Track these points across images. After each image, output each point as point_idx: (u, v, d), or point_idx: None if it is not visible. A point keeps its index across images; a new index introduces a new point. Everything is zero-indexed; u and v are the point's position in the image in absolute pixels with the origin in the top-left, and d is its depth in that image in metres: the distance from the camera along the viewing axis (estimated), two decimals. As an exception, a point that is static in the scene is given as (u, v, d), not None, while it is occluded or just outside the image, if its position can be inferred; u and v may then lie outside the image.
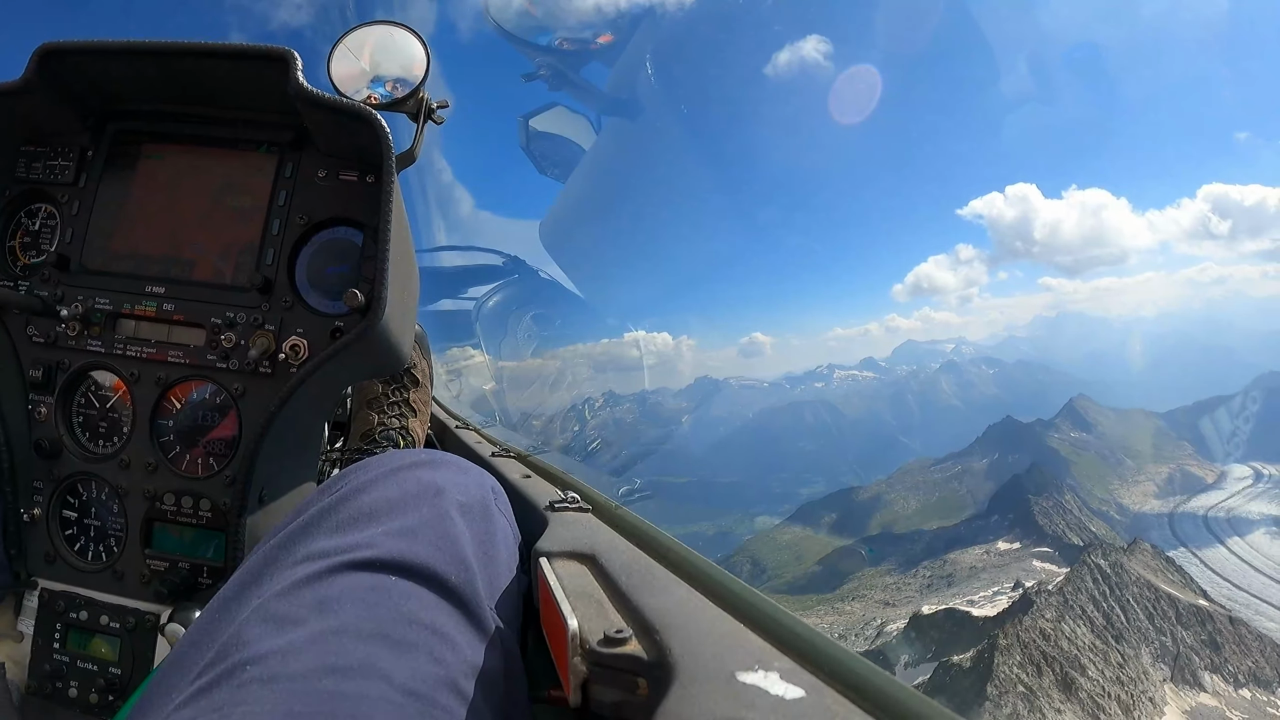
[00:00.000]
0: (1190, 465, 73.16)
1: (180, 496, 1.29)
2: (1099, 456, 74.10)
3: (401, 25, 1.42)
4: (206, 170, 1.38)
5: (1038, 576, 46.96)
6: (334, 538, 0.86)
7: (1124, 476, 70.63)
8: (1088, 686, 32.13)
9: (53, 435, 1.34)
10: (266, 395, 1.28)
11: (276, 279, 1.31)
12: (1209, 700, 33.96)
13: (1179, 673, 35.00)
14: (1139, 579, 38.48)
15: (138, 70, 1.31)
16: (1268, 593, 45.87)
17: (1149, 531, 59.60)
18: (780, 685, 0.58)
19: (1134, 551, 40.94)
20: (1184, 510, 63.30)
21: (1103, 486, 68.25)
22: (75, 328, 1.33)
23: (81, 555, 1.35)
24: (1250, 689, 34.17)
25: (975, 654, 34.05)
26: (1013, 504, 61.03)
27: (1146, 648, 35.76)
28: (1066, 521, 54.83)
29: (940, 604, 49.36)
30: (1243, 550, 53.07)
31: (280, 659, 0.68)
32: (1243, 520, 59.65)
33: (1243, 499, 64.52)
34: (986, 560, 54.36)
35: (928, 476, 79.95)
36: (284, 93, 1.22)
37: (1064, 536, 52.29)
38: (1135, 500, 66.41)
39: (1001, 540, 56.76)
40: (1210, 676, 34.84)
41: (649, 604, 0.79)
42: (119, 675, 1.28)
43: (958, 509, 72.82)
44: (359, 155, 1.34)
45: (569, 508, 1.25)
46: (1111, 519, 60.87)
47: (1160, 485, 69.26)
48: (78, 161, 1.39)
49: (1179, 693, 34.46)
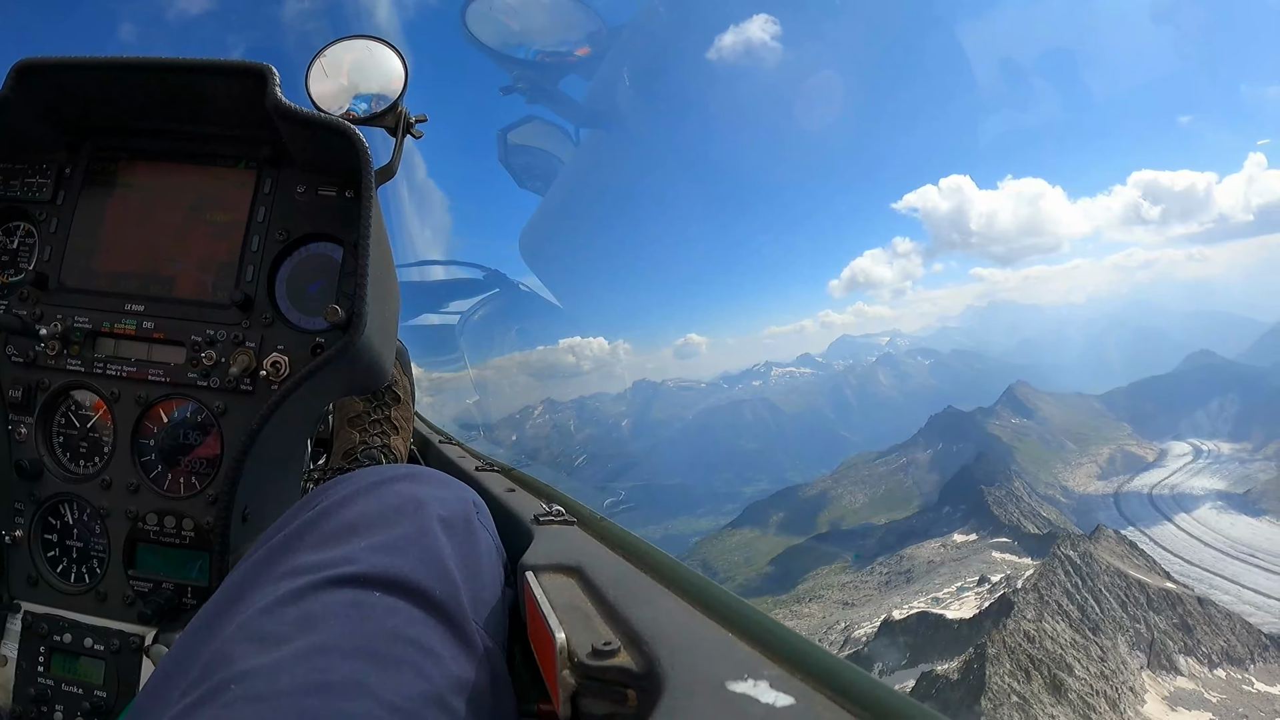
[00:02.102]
0: (1130, 445, 76.13)
1: (163, 516, 1.30)
2: (1041, 441, 76.31)
3: (379, 39, 1.42)
4: (185, 186, 1.38)
5: (1000, 569, 47.29)
6: (316, 553, 0.87)
7: (1067, 460, 72.83)
8: (1076, 686, 32.07)
9: (33, 456, 1.33)
10: (248, 413, 1.29)
11: (256, 295, 1.32)
12: (1186, 684, 34.52)
13: (1155, 659, 35.51)
14: (1109, 567, 39.00)
15: (116, 86, 1.32)
16: (1220, 566, 47.49)
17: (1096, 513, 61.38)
18: (770, 693, 0.59)
19: (1099, 539, 41.55)
20: (1129, 490, 65.59)
21: (1047, 471, 70.17)
22: (55, 347, 1.33)
23: (64, 577, 1.34)
24: (1224, 668, 34.92)
25: (963, 664, 33.49)
26: (964, 494, 61.86)
27: (1123, 636, 36.18)
28: (1021, 510, 55.77)
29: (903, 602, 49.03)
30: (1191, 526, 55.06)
31: (266, 677, 0.69)
32: (1188, 496, 62.13)
33: (1185, 475, 67.39)
34: (944, 553, 54.65)
35: (873, 470, 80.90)
36: (262, 108, 1.23)
37: (1021, 525, 53.05)
38: (1080, 483, 68.50)
39: (957, 532, 57.30)
40: (1185, 660, 35.47)
41: (637, 615, 0.80)
42: (104, 698, 1.28)
43: (905, 501, 73.72)
44: (338, 170, 1.34)
45: (554, 521, 1.26)
46: (1059, 503, 62.45)
47: (1103, 466, 71.71)
48: (55, 179, 1.39)
49: (1157, 679, 34.92)
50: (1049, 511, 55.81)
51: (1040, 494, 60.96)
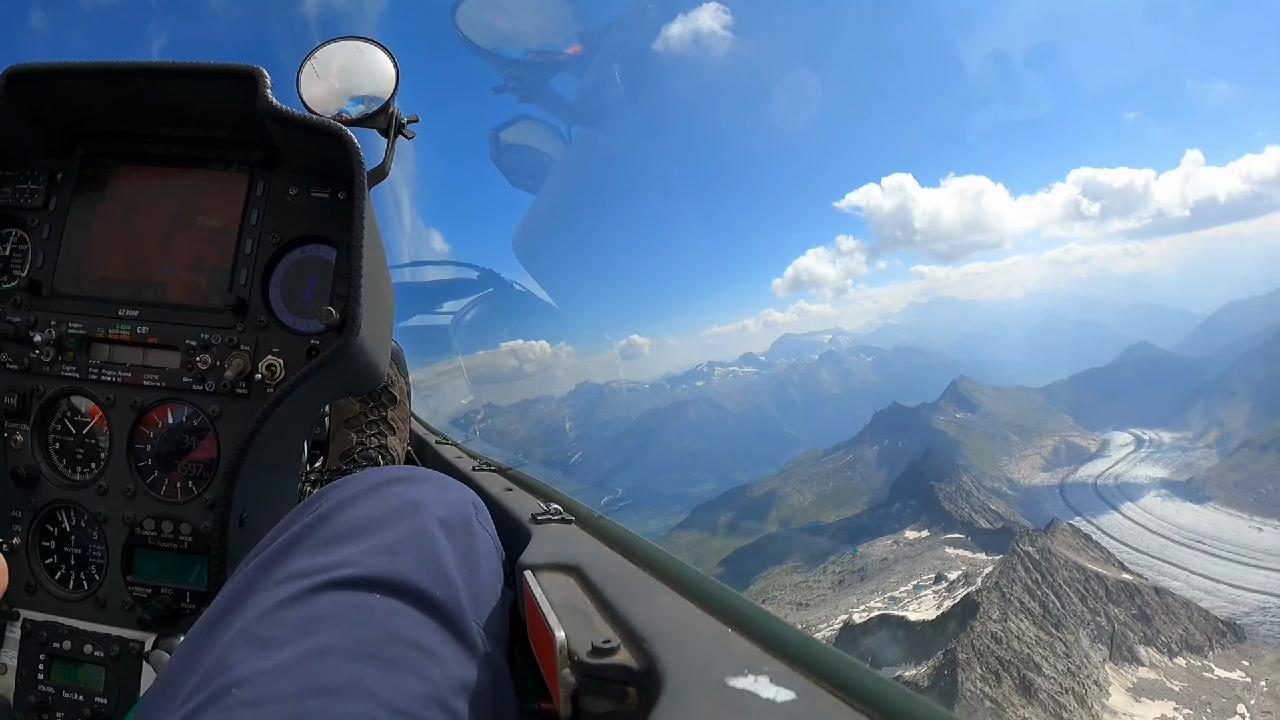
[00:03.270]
0: (1073, 436, 77.95)
1: (160, 521, 1.30)
2: (985, 435, 77.45)
3: (370, 40, 1.43)
4: (177, 191, 1.39)
5: (956, 565, 47.10)
6: (315, 556, 0.87)
7: (1011, 452, 74.03)
8: (1045, 685, 31.68)
9: (29, 463, 1.34)
10: (244, 416, 1.30)
11: (250, 299, 1.33)
12: (1148, 674, 34.68)
13: (1117, 651, 35.55)
14: (1067, 561, 39.01)
15: (106, 92, 1.33)
16: (1168, 553, 48.45)
17: (1043, 504, 62.33)
18: (770, 689, 0.59)
19: (1055, 533, 41.66)
20: (1073, 480, 66.95)
21: (992, 464, 71.18)
22: (49, 353, 1.33)
23: (63, 584, 1.35)
24: (1184, 656, 35.24)
25: (933, 669, 32.59)
26: (914, 490, 61.92)
27: (1084, 631, 36.12)
28: (971, 505, 56.00)
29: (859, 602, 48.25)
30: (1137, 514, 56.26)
31: (266, 681, 0.69)
32: (1132, 485, 63.67)
33: (1128, 465, 69.18)
34: (897, 550, 54.42)
35: (820, 468, 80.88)
36: (253, 111, 1.24)
37: (973, 520, 53.15)
38: (1024, 475, 69.68)
39: (909, 529, 57.22)
40: (1146, 650, 35.68)
41: (636, 613, 0.80)
42: (105, 705, 1.29)
43: (853, 498, 73.73)
44: (330, 172, 1.35)
45: (552, 520, 1.27)
46: (1006, 495, 63.25)
47: (1046, 458, 73.13)
48: (47, 184, 1.40)
49: (1120, 671, 34.97)
50: (997, 505, 56.33)
51: (987, 488, 61.61)
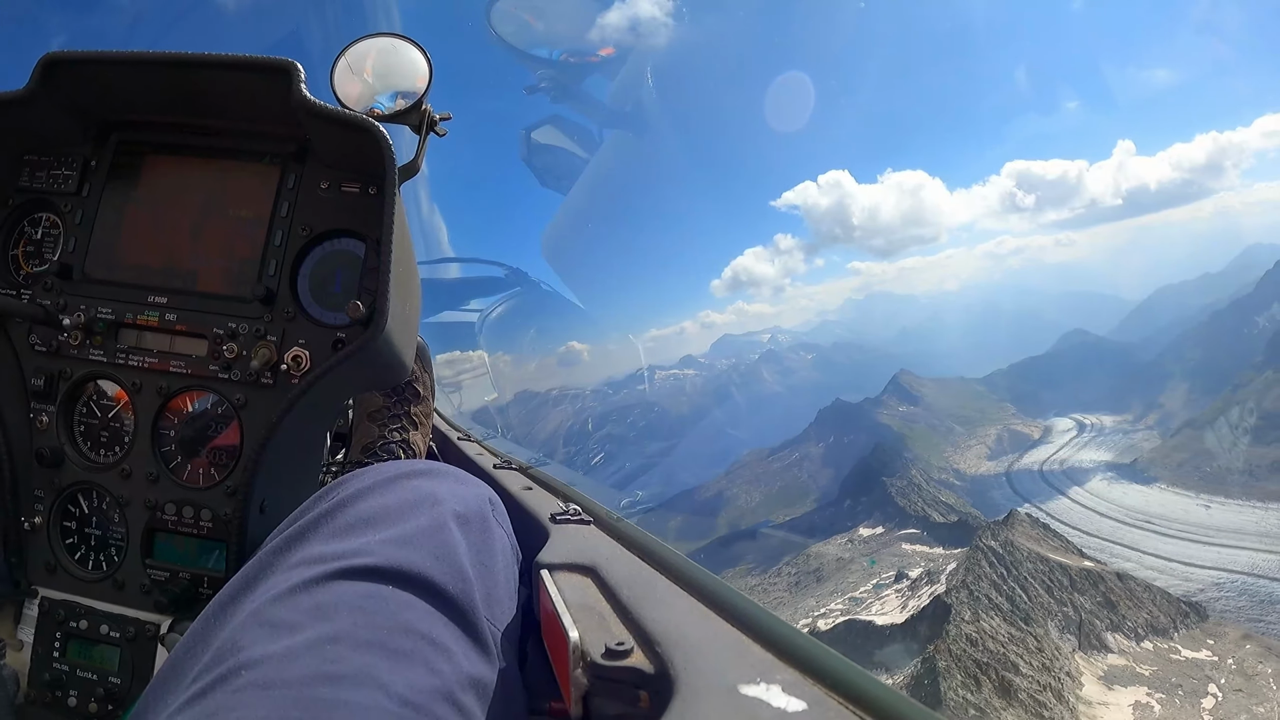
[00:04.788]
0: (1015, 424, 79.68)
1: (181, 507, 1.32)
2: (929, 427, 78.48)
3: (403, 37, 1.44)
4: (209, 181, 1.41)
5: (916, 562, 46.78)
6: (331, 543, 0.88)
7: (956, 443, 75.14)
8: (1024, 685, 31.27)
9: (54, 444, 1.36)
10: (268, 406, 1.31)
11: (279, 290, 1.34)
12: (1118, 660, 34.80)
13: (1085, 640, 35.55)
14: (1030, 553, 38.98)
15: (141, 81, 1.34)
16: (1119, 535, 49.47)
17: (991, 493, 63.26)
18: (782, 698, 0.59)
19: (1014, 524, 41.73)
20: (1019, 468, 68.23)
21: (938, 455, 72.05)
22: (77, 337, 1.35)
23: (82, 564, 1.37)
24: (1151, 640, 35.53)
25: (911, 678, 31.73)
26: (865, 486, 61.77)
27: (1052, 622, 35.99)
28: (924, 499, 56.03)
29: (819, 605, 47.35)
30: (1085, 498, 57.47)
31: (276, 664, 0.69)
32: (1078, 470, 65.22)
33: (1072, 450, 70.94)
34: (852, 549, 53.92)
35: (766, 467, 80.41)
36: (286, 104, 1.26)
37: (928, 515, 53.11)
38: (971, 464, 70.70)
39: (862, 526, 56.83)
40: (1113, 636, 35.82)
41: (650, 616, 0.80)
42: (118, 685, 1.32)
43: (802, 497, 73.40)
44: (361, 167, 1.36)
45: (570, 520, 1.28)
46: (954, 486, 63.95)
47: (991, 447, 74.42)
48: (81, 171, 1.42)
49: (1089, 660, 34.99)
50: (947, 496, 56.74)
51: (936, 479, 62.26)
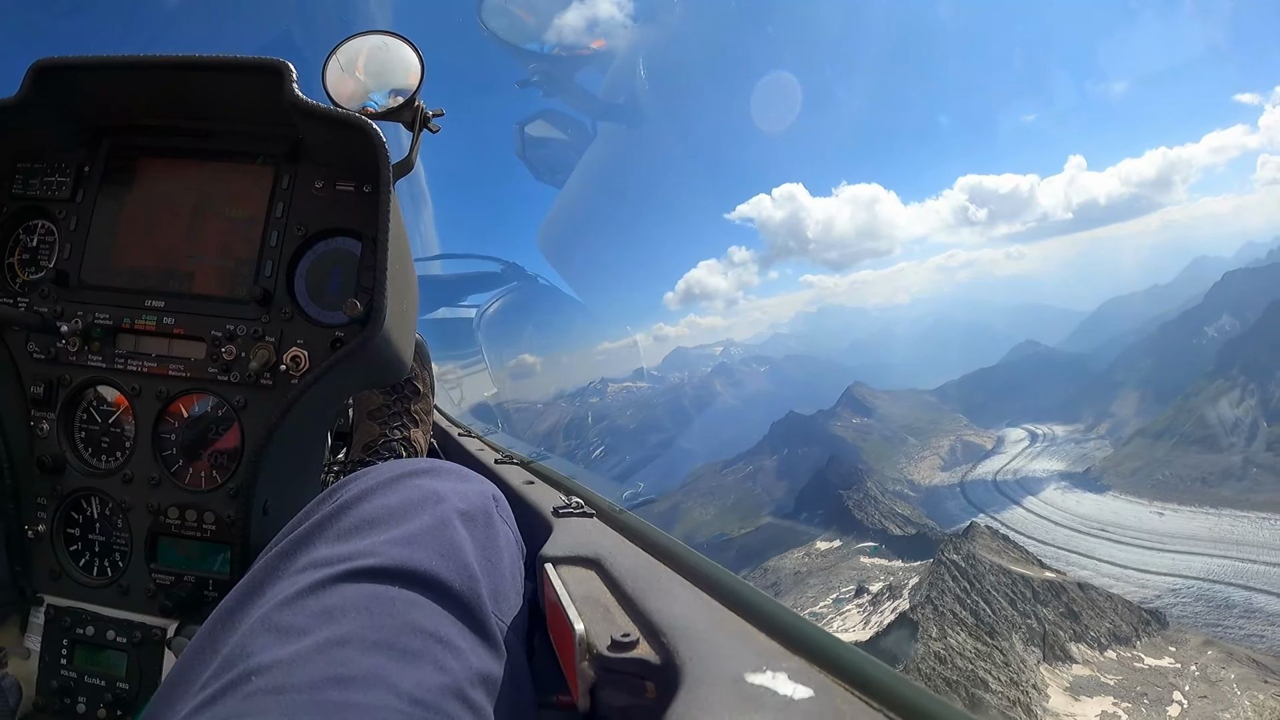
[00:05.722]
0: (968, 435, 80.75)
1: (184, 510, 1.33)
2: (883, 439, 79.02)
3: (395, 34, 1.44)
4: (203, 183, 1.41)
5: (876, 576, 46.39)
6: (336, 546, 0.89)
7: (909, 454, 75.75)
8: (993, 701, 30.73)
9: (55, 451, 1.37)
10: (268, 407, 1.32)
11: (276, 290, 1.35)
12: (1083, 670, 34.86)
13: (1050, 651, 35.51)
14: (993, 566, 38.92)
15: (133, 85, 1.35)
16: (1074, 543, 50.10)
17: (945, 503, 63.76)
18: (789, 685, 0.60)
19: (975, 536, 41.69)
20: (973, 479, 69.09)
21: (892, 467, 72.53)
22: (75, 343, 1.36)
23: (86, 571, 1.38)
24: (1114, 649, 35.66)
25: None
26: (821, 499, 61.52)
27: (1017, 635, 35.85)
28: (880, 511, 55.93)
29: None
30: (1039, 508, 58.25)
31: (286, 669, 0.70)
32: (1031, 479, 66.18)
33: (1025, 460, 72.07)
34: (809, 563, 53.45)
35: (720, 480, 79.99)
36: (279, 104, 1.27)
37: (885, 528, 52.96)
38: (925, 475, 71.31)
39: (819, 539, 56.40)
40: (1077, 647, 35.86)
41: (655, 607, 0.81)
42: (127, 690, 1.32)
43: (756, 509, 72.94)
44: (355, 165, 1.37)
45: (573, 513, 1.29)
46: (909, 498, 64.26)
47: (944, 458, 75.22)
48: (75, 177, 1.42)
49: (1055, 671, 34.97)
50: (903, 508, 56.87)
51: (891, 491, 62.47)
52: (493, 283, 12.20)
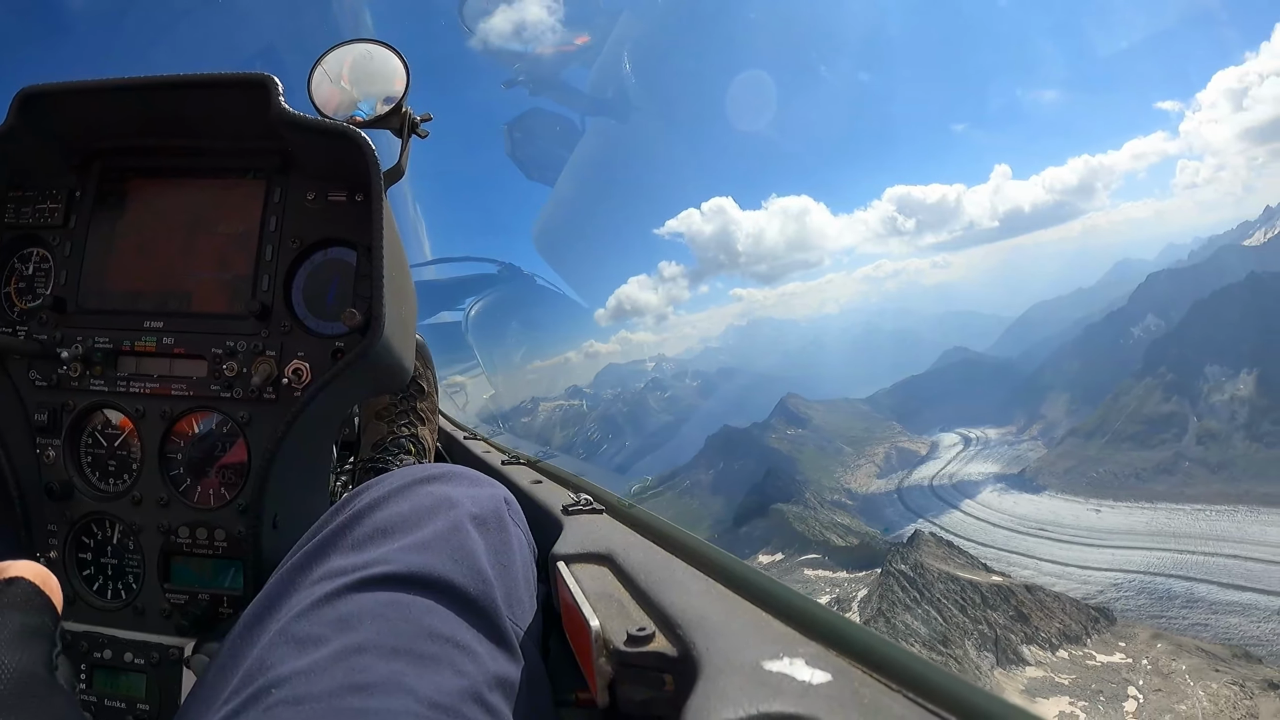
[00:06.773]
0: (902, 441, 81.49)
1: (194, 528, 1.33)
2: (818, 449, 79.04)
3: (378, 42, 1.45)
4: (195, 201, 1.42)
5: (823, 588, 45.38)
6: (350, 555, 0.91)
7: (845, 463, 75.92)
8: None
9: (63, 477, 1.37)
10: (273, 421, 1.32)
11: (273, 304, 1.35)
12: (1036, 672, 34.61)
13: (1003, 655, 35.06)
14: (941, 574, 38.42)
15: (120, 107, 1.35)
16: (1013, 544, 50.48)
17: (884, 510, 63.83)
18: (806, 671, 0.60)
19: (920, 545, 41.23)
20: (910, 484, 69.56)
21: (829, 476, 72.48)
22: (77, 369, 1.36)
23: (101, 594, 1.38)
24: (1066, 648, 35.53)
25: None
26: (759, 512, 60.55)
27: (969, 641, 35.27)
28: (821, 522, 55.23)
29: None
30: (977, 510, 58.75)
31: (305, 680, 0.72)
32: (967, 483, 66.94)
33: (960, 464, 72.99)
34: (753, 577, 51.83)
35: (656, 497, 78.32)
36: (266, 118, 1.27)
37: (827, 539, 52.20)
38: (861, 483, 71.45)
39: (761, 553, 55.29)
40: (1029, 649, 35.56)
41: (670, 600, 0.82)
42: (148, 711, 1.32)
43: (695, 525, 71.41)
44: (346, 175, 1.37)
45: (583, 510, 1.30)
46: (847, 506, 64.08)
47: (880, 465, 75.61)
48: (66, 203, 1.42)
49: (1010, 675, 34.50)
50: (842, 517, 56.51)
51: (830, 500, 62.20)
52: (490, 284, 10.95)
